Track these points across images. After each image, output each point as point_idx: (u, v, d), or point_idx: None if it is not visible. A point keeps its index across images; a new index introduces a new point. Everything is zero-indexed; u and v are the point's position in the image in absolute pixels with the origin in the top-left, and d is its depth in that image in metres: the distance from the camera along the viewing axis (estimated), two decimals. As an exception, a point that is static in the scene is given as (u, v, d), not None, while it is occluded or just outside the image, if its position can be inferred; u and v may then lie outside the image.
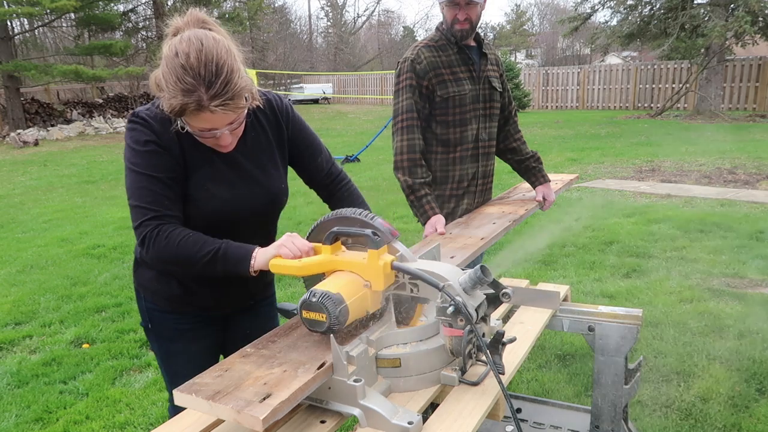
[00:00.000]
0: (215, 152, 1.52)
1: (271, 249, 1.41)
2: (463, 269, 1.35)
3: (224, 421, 1.22)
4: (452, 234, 2.21)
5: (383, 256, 1.30)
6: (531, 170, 2.74)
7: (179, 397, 1.12)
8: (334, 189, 1.82)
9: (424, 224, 2.40)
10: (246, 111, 1.45)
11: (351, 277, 1.30)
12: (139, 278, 1.71)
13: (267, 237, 1.71)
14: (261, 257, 1.40)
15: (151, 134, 1.44)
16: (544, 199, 2.72)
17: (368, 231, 1.30)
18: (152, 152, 1.44)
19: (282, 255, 1.38)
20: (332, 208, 1.89)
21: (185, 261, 1.42)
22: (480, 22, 2.52)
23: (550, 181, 2.75)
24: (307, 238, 1.43)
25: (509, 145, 2.76)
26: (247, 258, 1.40)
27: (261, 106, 1.60)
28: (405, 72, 2.46)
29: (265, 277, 1.79)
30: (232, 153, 1.54)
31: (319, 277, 1.38)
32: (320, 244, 1.38)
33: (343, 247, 1.38)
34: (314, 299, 1.22)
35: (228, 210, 1.54)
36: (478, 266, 1.26)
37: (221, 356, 1.83)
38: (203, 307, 1.70)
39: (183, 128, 1.43)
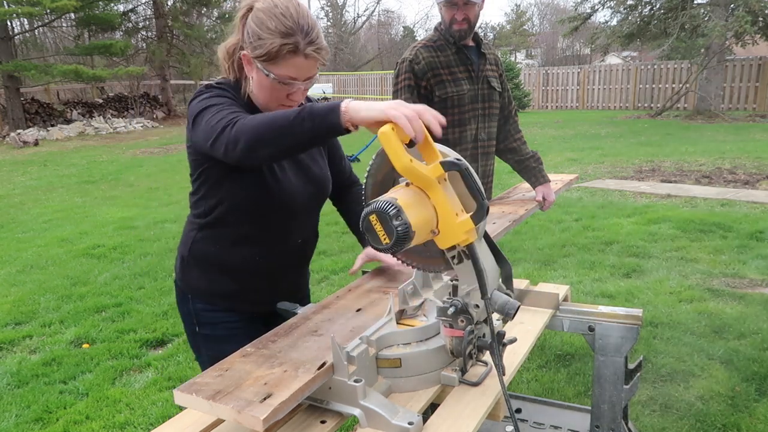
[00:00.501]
0: None
1: (374, 107, 1.15)
2: (497, 258, 1.28)
3: (224, 421, 1.22)
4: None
5: (472, 232, 1.18)
6: (531, 170, 2.74)
7: (179, 397, 1.12)
8: (350, 191, 1.86)
9: None
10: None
11: (431, 216, 1.14)
12: (187, 279, 1.67)
13: (313, 228, 1.75)
14: (356, 108, 1.16)
15: (226, 93, 1.48)
16: (544, 199, 2.71)
17: (486, 204, 1.16)
18: (228, 98, 1.46)
19: (394, 119, 1.10)
20: (344, 210, 1.90)
21: (274, 128, 1.24)
22: (479, 22, 2.52)
23: (549, 181, 2.75)
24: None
25: (509, 145, 2.75)
26: (335, 107, 1.19)
27: (307, 98, 1.65)
28: (403, 72, 2.47)
29: (307, 273, 1.84)
30: None
31: (389, 171, 1.23)
32: (435, 151, 1.18)
33: (447, 180, 1.18)
34: (395, 221, 1.06)
35: (276, 194, 1.55)
36: (515, 304, 1.21)
37: None
38: (257, 302, 1.67)
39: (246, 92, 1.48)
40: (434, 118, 1.17)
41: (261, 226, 1.59)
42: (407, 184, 1.17)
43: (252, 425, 1.03)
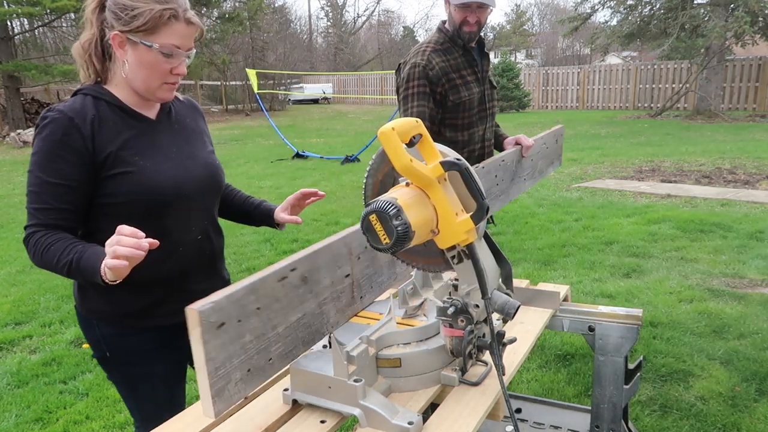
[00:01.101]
0: (138, 124, 1.49)
1: (106, 257, 1.24)
2: (497, 258, 1.28)
3: (224, 421, 1.23)
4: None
5: (472, 232, 1.18)
6: (498, 135, 2.67)
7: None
8: (230, 194, 1.84)
9: None
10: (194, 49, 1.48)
11: (430, 215, 1.14)
12: (87, 303, 1.55)
13: (211, 221, 1.65)
14: (110, 265, 1.22)
15: (62, 136, 1.38)
16: (518, 144, 2.43)
17: (487, 205, 1.16)
18: (57, 155, 1.38)
19: (111, 265, 1.22)
20: (230, 213, 1.84)
21: (52, 269, 1.38)
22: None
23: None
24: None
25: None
26: (96, 272, 1.29)
27: (180, 98, 1.65)
28: (417, 78, 2.43)
29: (220, 264, 1.73)
30: (154, 124, 1.52)
31: (389, 172, 1.25)
32: (434, 151, 1.19)
33: (447, 180, 1.19)
34: (395, 221, 1.06)
35: (167, 183, 1.47)
36: (515, 304, 1.22)
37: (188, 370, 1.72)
38: (169, 314, 1.54)
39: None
40: (134, 246, 1.22)
41: (154, 231, 1.35)
42: (407, 184, 1.17)
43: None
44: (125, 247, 1.20)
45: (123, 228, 1.23)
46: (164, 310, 1.55)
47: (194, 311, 0.92)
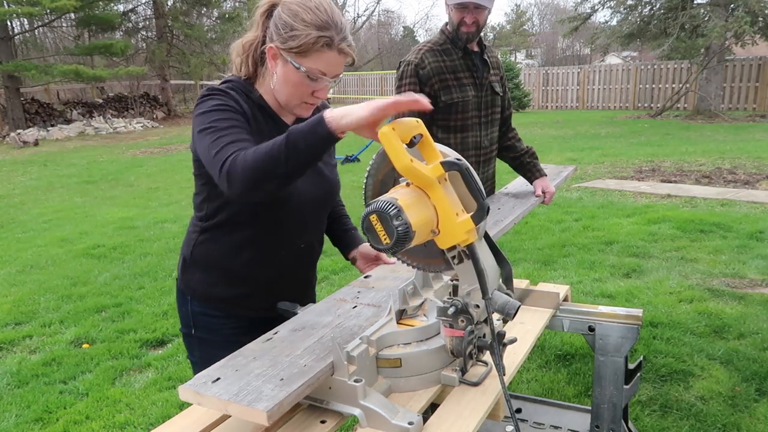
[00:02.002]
0: (277, 128, 1.50)
1: (360, 108, 1.19)
2: (497, 259, 1.28)
3: (224, 421, 1.23)
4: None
5: (473, 233, 1.18)
6: (526, 166, 2.72)
7: (184, 393, 1.12)
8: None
9: None
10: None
11: (431, 216, 1.14)
12: (187, 280, 1.65)
13: (319, 233, 1.73)
14: (340, 113, 1.20)
15: (228, 100, 1.44)
16: (543, 192, 2.67)
17: (487, 204, 1.16)
18: (231, 111, 1.42)
19: (391, 108, 1.16)
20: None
21: (269, 161, 1.24)
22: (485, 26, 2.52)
23: (546, 175, 2.73)
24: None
25: (504, 143, 2.76)
26: (320, 119, 1.21)
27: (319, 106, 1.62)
28: (408, 76, 2.45)
29: (313, 277, 1.81)
30: None
31: (390, 170, 1.24)
32: (435, 151, 1.19)
33: (447, 180, 1.19)
34: (396, 221, 1.06)
35: (286, 197, 1.52)
36: (516, 304, 1.21)
37: None
38: (257, 307, 1.63)
39: (255, 96, 1.47)
40: (413, 101, 1.18)
41: (267, 230, 1.55)
42: (407, 184, 1.17)
43: (257, 419, 1.03)
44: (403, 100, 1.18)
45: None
46: (255, 304, 1.63)
47: (263, 413, 1.01)
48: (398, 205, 1.07)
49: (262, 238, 1.57)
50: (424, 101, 1.18)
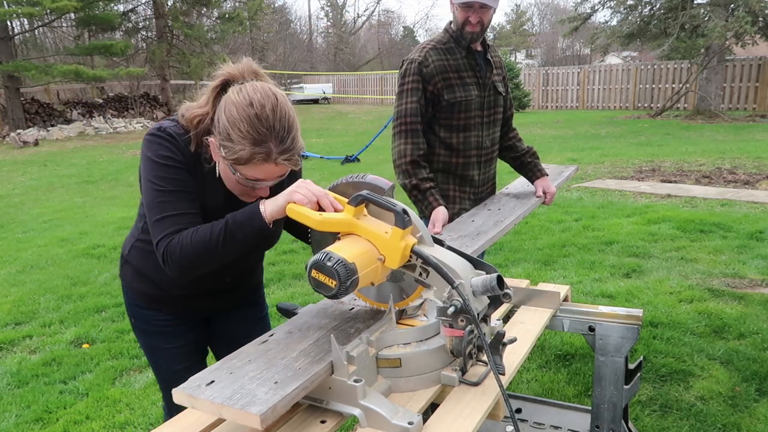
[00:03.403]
0: (224, 191, 1.51)
1: (281, 196, 1.32)
2: (475, 265, 1.33)
3: (224, 421, 1.23)
4: (452, 234, 2.21)
5: (407, 237, 1.26)
6: (527, 166, 2.72)
7: (177, 396, 1.12)
8: None
9: (429, 217, 2.39)
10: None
11: (367, 247, 1.25)
12: (124, 274, 1.75)
13: (248, 268, 1.77)
14: (271, 205, 1.32)
15: (176, 152, 1.42)
16: (544, 192, 2.67)
17: (400, 208, 1.24)
18: (176, 168, 1.42)
19: (296, 201, 1.30)
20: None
21: (205, 252, 1.34)
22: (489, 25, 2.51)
23: (547, 174, 2.73)
24: (329, 189, 1.38)
25: (505, 143, 2.75)
26: (256, 212, 1.32)
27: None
28: (411, 74, 2.44)
29: (250, 281, 1.84)
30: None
31: (326, 233, 1.35)
32: (342, 198, 1.33)
33: (366, 211, 1.31)
34: (329, 263, 1.16)
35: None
36: (494, 276, 1.25)
37: (209, 350, 1.90)
38: (179, 310, 1.72)
39: (209, 164, 1.45)
40: (330, 204, 1.31)
41: None
42: (339, 239, 1.30)
43: (250, 423, 1.03)
44: (302, 193, 1.30)
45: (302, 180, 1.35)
46: (178, 308, 1.71)
47: (256, 417, 1.02)
48: (326, 251, 1.19)
49: None
50: (331, 209, 1.31)
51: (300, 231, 1.60)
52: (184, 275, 1.39)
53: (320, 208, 1.30)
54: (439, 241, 1.37)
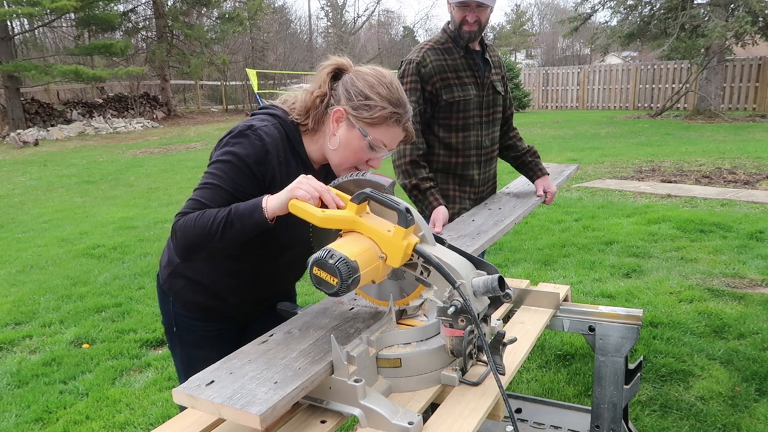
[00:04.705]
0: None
1: (283, 193, 1.33)
2: (476, 264, 1.33)
3: (224, 421, 1.23)
4: (452, 234, 2.21)
5: (409, 236, 1.26)
6: (528, 165, 2.72)
7: (177, 395, 1.12)
8: None
9: (429, 217, 2.39)
10: None
11: (369, 245, 1.25)
12: (171, 283, 1.69)
13: (303, 269, 1.76)
14: (274, 201, 1.33)
15: (256, 154, 1.44)
16: (545, 192, 2.66)
17: (403, 206, 1.24)
18: (241, 172, 1.43)
19: (298, 196, 1.30)
20: None
21: (204, 235, 1.36)
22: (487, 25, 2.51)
23: (548, 174, 2.73)
24: (330, 186, 1.39)
25: (505, 142, 2.75)
26: (257, 206, 1.34)
27: None
28: (410, 74, 2.44)
29: (290, 278, 1.84)
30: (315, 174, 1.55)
31: (328, 230, 1.35)
32: (344, 195, 1.33)
33: (368, 209, 1.31)
34: (331, 261, 1.17)
35: (281, 241, 1.56)
36: (495, 277, 1.25)
37: None
38: (237, 317, 1.72)
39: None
40: (333, 200, 1.31)
41: (261, 266, 1.61)
42: (341, 236, 1.30)
43: (250, 423, 1.03)
44: (304, 188, 1.31)
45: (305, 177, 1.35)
46: (229, 314, 1.71)
47: (256, 417, 1.02)
48: (328, 248, 1.19)
49: (255, 272, 1.62)
50: (333, 205, 1.31)
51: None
52: (185, 256, 1.42)
53: (323, 205, 1.30)
54: (440, 240, 1.37)
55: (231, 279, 1.62)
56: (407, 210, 1.24)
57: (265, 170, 1.45)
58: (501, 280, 1.24)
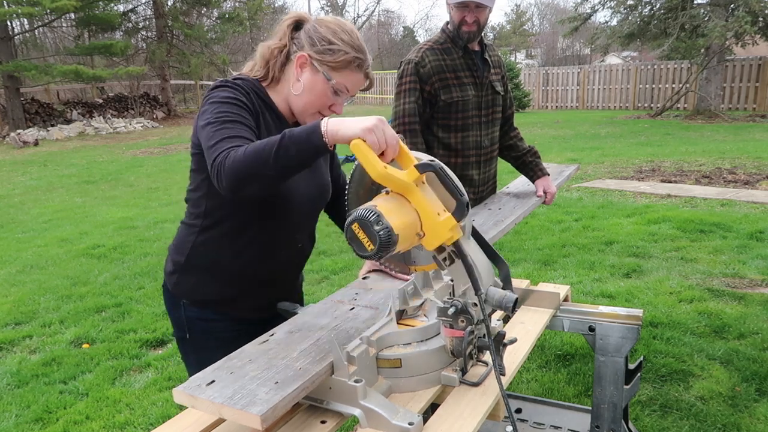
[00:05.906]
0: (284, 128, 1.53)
1: (353, 124, 1.20)
2: (490, 255, 1.30)
3: (224, 421, 1.23)
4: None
5: (456, 229, 1.19)
6: (528, 165, 2.71)
7: (178, 395, 1.12)
8: (341, 196, 1.81)
9: None
10: None
11: (413, 219, 1.17)
12: (181, 285, 1.64)
13: (312, 233, 1.75)
14: (335, 126, 1.21)
15: (240, 95, 1.46)
16: (545, 192, 2.66)
17: (466, 200, 1.17)
18: (240, 106, 1.44)
19: (368, 140, 1.18)
20: (335, 215, 1.89)
21: (257, 163, 1.25)
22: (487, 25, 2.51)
23: (548, 174, 2.73)
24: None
25: (506, 142, 2.75)
26: (316, 129, 1.23)
27: None
28: (408, 75, 2.44)
29: (301, 277, 1.83)
30: None
31: (368, 183, 1.29)
32: (409, 155, 1.22)
33: (425, 182, 1.22)
34: (377, 227, 1.09)
35: (286, 196, 1.53)
36: (512, 297, 1.22)
37: None
38: (253, 308, 1.65)
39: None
40: (393, 156, 1.22)
41: (266, 229, 1.56)
42: (387, 192, 1.21)
43: (250, 423, 1.03)
44: (377, 136, 1.19)
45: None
46: (252, 303, 1.65)
47: (257, 418, 1.02)
48: (377, 211, 1.11)
49: (260, 238, 1.58)
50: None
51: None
52: (233, 189, 1.29)
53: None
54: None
55: (245, 251, 1.57)
56: (467, 205, 1.18)
57: (253, 109, 1.47)
58: (516, 304, 1.22)
